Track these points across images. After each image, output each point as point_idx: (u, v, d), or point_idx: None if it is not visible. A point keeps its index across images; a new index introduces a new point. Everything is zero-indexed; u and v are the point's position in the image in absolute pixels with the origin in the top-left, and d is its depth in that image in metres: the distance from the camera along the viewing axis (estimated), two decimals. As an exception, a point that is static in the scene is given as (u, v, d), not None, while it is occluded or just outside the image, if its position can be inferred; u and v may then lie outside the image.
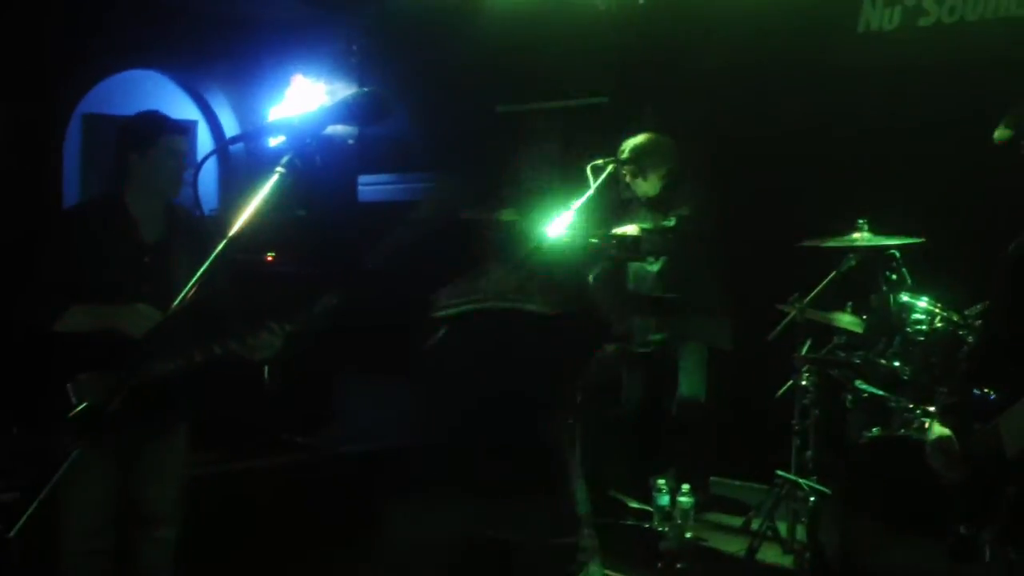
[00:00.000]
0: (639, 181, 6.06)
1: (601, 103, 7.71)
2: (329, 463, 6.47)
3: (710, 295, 5.97)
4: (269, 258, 7.26)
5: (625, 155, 5.99)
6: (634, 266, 6.10)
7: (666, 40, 7.23)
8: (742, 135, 6.43)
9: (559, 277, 3.25)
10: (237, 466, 5.99)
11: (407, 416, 6.18)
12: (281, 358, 3.56)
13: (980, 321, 4.46)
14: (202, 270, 2.18)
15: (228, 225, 2.32)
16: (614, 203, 6.39)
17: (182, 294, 2.11)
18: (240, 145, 9.60)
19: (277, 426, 6.72)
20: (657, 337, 6.08)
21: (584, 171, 5.70)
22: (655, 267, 6.00)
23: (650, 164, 6.03)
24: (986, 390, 3.06)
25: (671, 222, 5.89)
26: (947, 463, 3.08)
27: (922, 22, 6.16)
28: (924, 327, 4.67)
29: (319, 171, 2.41)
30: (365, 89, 2.40)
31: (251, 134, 2.48)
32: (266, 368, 6.49)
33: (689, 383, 5.99)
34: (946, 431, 3.11)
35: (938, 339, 4.60)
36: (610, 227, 5.84)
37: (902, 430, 4.53)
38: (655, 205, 6.06)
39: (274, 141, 2.55)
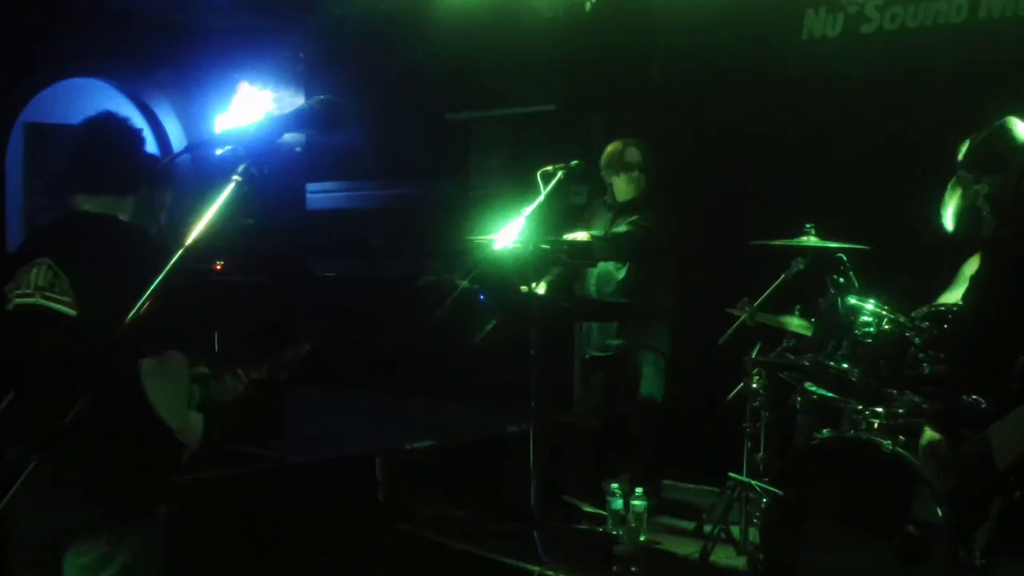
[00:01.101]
0: (620, 183, 6.12)
1: (550, 110, 7.74)
2: (281, 473, 6.42)
3: (661, 301, 6.03)
4: (218, 267, 7.21)
5: (635, 157, 6.07)
6: (600, 270, 6.13)
7: (614, 48, 7.28)
8: (689, 141, 6.48)
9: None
10: (183, 478, 5.91)
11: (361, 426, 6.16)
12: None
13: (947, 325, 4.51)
14: (158, 280, 2.15)
15: (179, 234, 2.30)
16: (565, 209, 6.42)
17: (137, 306, 2.08)
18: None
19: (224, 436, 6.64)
20: (616, 342, 6.12)
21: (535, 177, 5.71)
22: (621, 273, 6.04)
23: (630, 167, 6.09)
24: (975, 397, 3.07)
25: (623, 228, 5.94)
26: (937, 468, 3.09)
27: (864, 29, 6.25)
28: (872, 330, 4.71)
29: (267, 179, 2.39)
30: (322, 97, 2.39)
31: (203, 144, 2.47)
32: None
33: (648, 387, 6.03)
34: (937, 436, 3.11)
35: (886, 341, 4.64)
36: (561, 233, 5.87)
37: (852, 431, 4.57)
38: (626, 209, 6.10)
39: (221, 150, 2.52)
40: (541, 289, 5.62)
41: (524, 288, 5.32)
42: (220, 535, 5.06)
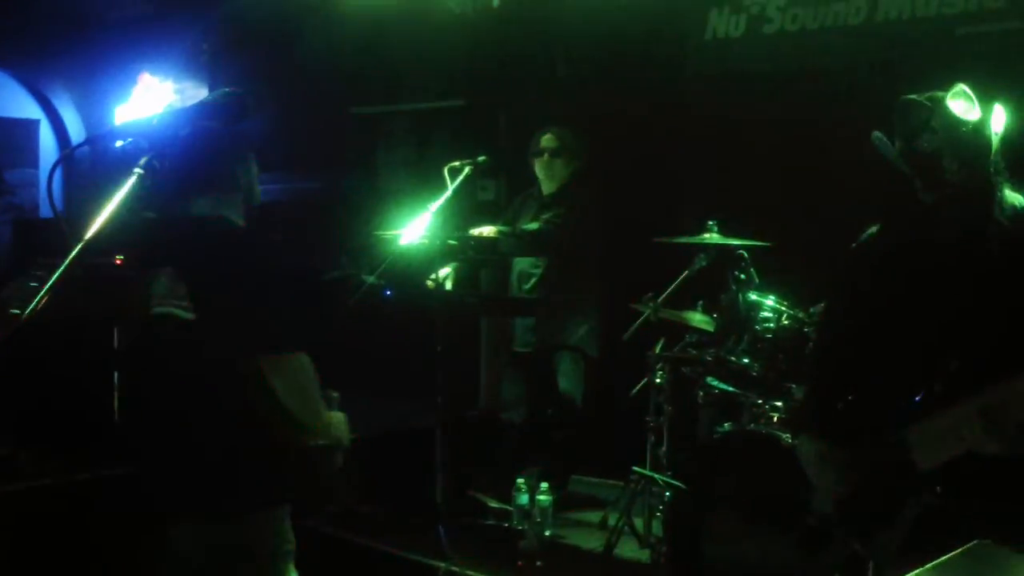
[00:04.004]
0: (538, 171, 6.13)
1: (457, 106, 7.73)
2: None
3: (577, 297, 6.05)
4: (118, 261, 7.04)
5: (549, 143, 6.07)
6: (520, 266, 6.14)
7: (520, 44, 7.30)
8: (595, 138, 6.52)
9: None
10: (83, 476, 5.79)
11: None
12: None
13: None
14: (56, 275, 2.10)
15: (77, 227, 2.26)
16: (471, 205, 6.42)
17: (35, 300, 2.03)
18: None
19: (128, 431, 6.51)
20: (535, 339, 6.13)
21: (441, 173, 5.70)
22: (538, 269, 6.06)
23: (540, 153, 6.10)
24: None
25: (533, 225, 5.96)
26: (836, 476, 3.06)
27: (766, 29, 6.36)
28: (772, 325, 4.80)
29: (169, 172, 2.36)
30: (227, 90, 2.36)
31: (103, 136, 2.41)
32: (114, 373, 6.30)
33: (567, 383, 6.06)
34: (823, 444, 3.11)
35: (785, 336, 4.73)
36: (468, 228, 5.87)
37: (752, 425, 4.66)
38: (548, 203, 6.11)
39: (121, 143, 2.48)
40: (448, 284, 5.61)
41: (430, 283, 5.32)
42: (121, 534, 4.97)
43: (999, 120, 2.94)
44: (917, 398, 2.88)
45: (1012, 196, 2.97)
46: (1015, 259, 2.88)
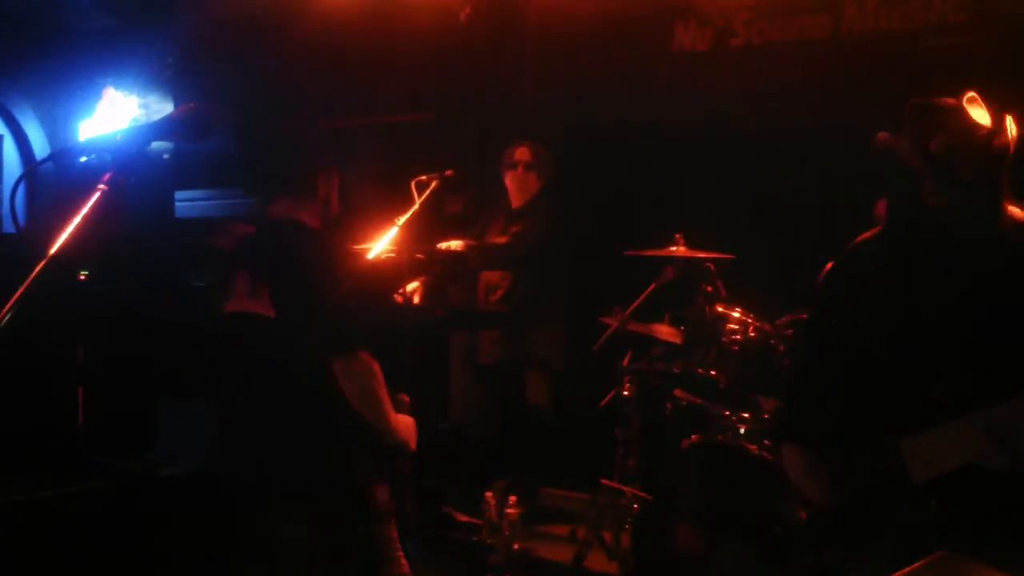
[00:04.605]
0: (510, 183, 6.14)
1: (424, 119, 7.73)
2: (150, 486, 6.26)
3: (545, 311, 6.06)
4: (82, 276, 6.99)
5: (524, 157, 6.08)
6: (488, 277, 6.14)
7: (487, 57, 7.31)
8: (562, 151, 6.54)
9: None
10: (45, 493, 5.73)
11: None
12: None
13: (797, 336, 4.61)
14: (21, 290, 2.08)
15: (41, 242, 2.24)
16: (438, 218, 6.41)
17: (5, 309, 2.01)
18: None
19: (92, 449, 6.45)
20: (502, 351, 6.13)
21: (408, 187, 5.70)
22: (506, 282, 6.06)
23: (513, 165, 6.11)
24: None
25: (502, 239, 5.96)
26: (823, 487, 3.05)
27: (732, 43, 6.41)
28: (738, 337, 4.83)
29: (133, 187, 2.35)
30: (192, 105, 2.35)
31: (67, 151, 2.40)
32: (80, 388, 6.24)
33: (534, 395, 6.06)
34: (810, 455, 3.11)
35: (752, 348, 4.76)
36: (435, 242, 5.87)
37: (719, 436, 4.68)
38: (517, 216, 6.11)
39: (85, 158, 2.46)
40: (416, 298, 5.61)
41: (398, 297, 5.31)
42: (86, 549, 4.92)
43: (1012, 130, 2.95)
44: (914, 409, 2.87)
45: (1014, 209, 2.97)
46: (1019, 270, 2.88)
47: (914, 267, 2.97)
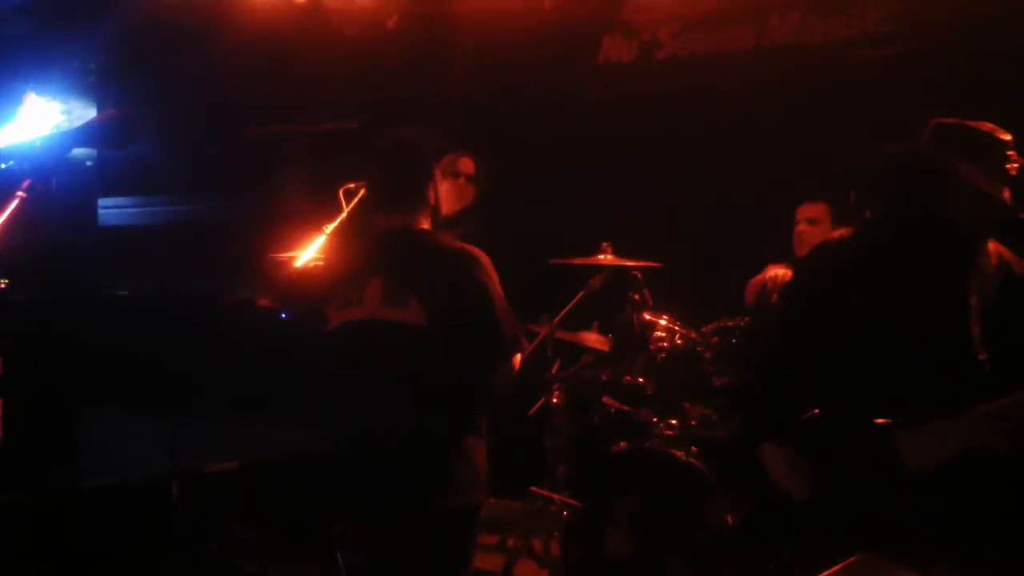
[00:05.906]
0: (447, 190, 6.10)
1: (352, 128, 7.70)
2: (70, 500, 6.16)
3: None
4: (2, 285, 6.86)
5: (468, 169, 6.05)
6: None
7: (415, 66, 7.30)
8: (491, 160, 6.55)
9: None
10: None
11: (158, 448, 5.97)
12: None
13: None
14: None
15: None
16: (366, 226, 6.38)
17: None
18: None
19: (13, 461, 6.34)
20: None
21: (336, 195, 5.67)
22: None
23: (457, 175, 6.09)
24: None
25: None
26: (806, 483, 3.07)
27: (658, 55, 6.48)
28: (665, 344, 4.88)
29: (55, 194, 2.32)
30: (113, 111, 2.33)
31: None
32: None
33: None
34: (791, 452, 3.12)
35: (678, 355, 4.81)
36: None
37: (648, 443, 4.72)
38: (446, 223, 6.09)
39: (4, 165, 2.42)
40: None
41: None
42: (7, 562, 4.83)
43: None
44: (907, 402, 2.90)
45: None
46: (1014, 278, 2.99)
47: (897, 269, 3.02)
